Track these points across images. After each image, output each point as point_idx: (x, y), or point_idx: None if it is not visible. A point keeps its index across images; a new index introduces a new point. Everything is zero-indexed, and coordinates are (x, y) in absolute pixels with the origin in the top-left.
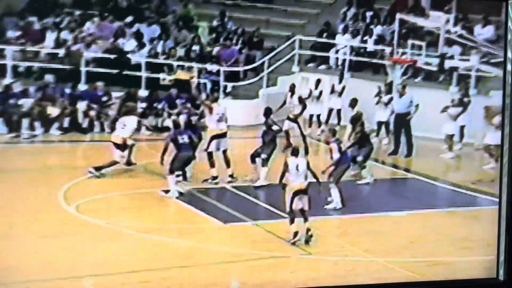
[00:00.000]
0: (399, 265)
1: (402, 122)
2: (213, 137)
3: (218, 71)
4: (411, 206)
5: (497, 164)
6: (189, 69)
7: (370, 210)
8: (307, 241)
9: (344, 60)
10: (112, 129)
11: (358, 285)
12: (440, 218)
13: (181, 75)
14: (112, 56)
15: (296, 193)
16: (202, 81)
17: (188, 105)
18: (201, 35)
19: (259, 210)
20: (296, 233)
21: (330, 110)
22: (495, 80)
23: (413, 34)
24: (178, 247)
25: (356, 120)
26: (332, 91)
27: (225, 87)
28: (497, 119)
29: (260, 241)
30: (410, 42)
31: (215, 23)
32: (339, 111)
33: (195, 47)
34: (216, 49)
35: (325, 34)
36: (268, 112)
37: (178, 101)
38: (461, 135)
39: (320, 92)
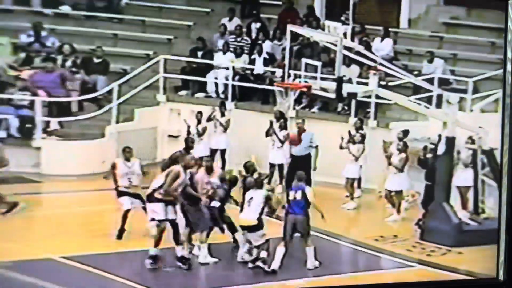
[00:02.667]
0: None
1: (298, 168)
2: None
3: (32, 103)
4: (311, 272)
5: (399, 216)
6: None
7: (263, 279)
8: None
9: (226, 86)
10: None
11: (358, 285)
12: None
13: None
14: None
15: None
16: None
17: None
18: None
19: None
20: None
21: (213, 151)
22: (395, 109)
23: (307, 51)
24: None
25: (247, 169)
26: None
27: (47, 124)
28: (396, 159)
29: None
30: (304, 61)
31: (24, 38)
32: (223, 152)
33: None
34: (27, 74)
35: (200, 53)
36: None
37: None
38: (359, 179)
39: (204, 129)
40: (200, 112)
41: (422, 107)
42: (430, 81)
